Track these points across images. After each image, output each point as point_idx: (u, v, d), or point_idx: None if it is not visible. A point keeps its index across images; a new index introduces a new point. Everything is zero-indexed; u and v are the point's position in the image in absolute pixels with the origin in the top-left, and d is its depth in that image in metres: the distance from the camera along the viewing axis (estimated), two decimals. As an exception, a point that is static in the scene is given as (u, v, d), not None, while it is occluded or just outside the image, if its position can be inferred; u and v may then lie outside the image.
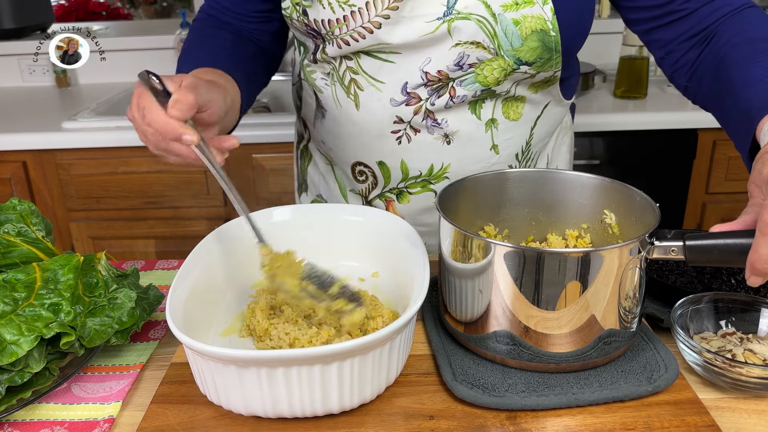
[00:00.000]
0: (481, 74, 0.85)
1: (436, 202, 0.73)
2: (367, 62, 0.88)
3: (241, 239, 0.83)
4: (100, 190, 1.85)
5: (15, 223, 0.81)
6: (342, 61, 0.90)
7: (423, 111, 0.89)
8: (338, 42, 0.87)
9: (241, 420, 0.64)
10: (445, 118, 0.90)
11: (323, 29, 0.87)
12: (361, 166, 0.99)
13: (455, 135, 0.92)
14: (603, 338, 0.67)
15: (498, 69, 0.84)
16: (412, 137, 0.92)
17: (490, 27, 0.82)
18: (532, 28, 0.82)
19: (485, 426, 0.63)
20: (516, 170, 0.82)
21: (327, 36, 0.87)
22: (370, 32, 0.84)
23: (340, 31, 0.85)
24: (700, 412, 0.63)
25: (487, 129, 0.92)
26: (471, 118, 0.91)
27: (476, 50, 0.83)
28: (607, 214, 0.78)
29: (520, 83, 0.89)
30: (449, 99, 0.88)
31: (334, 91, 0.94)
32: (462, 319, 0.71)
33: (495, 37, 0.82)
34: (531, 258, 0.63)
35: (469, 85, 0.87)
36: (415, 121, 0.91)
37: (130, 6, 3.75)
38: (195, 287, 0.72)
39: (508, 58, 0.84)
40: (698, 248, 0.64)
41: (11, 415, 0.66)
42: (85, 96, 2.20)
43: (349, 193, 1.05)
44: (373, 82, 0.89)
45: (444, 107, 0.89)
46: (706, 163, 1.82)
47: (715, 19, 0.84)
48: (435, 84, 0.87)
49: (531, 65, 0.85)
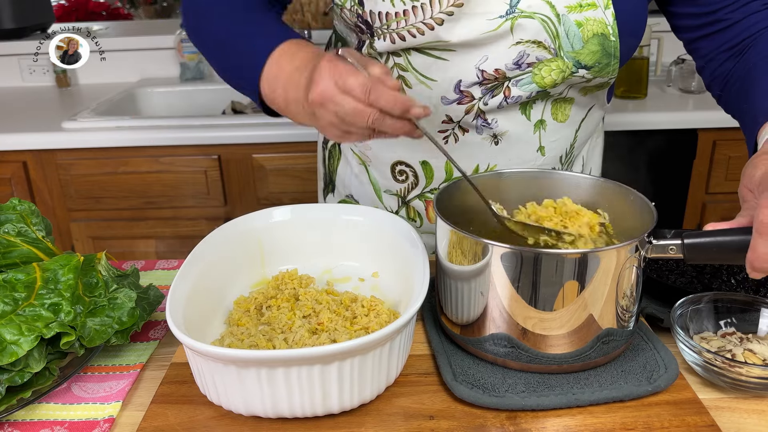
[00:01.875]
0: (539, 74, 0.84)
1: (433, 203, 0.73)
2: (418, 59, 0.86)
3: (241, 239, 0.83)
4: (100, 190, 1.85)
5: (15, 223, 0.81)
6: (390, 57, 0.88)
7: (475, 110, 0.87)
8: (392, 37, 0.84)
9: (241, 420, 0.64)
10: (495, 118, 0.89)
11: (377, 22, 0.84)
12: (402, 165, 0.97)
13: (504, 135, 0.90)
14: (601, 338, 0.67)
15: (556, 70, 0.83)
16: (460, 137, 0.91)
17: (553, 27, 0.81)
18: (593, 31, 0.81)
19: (485, 426, 0.63)
20: (512, 170, 0.83)
21: (380, 30, 0.84)
22: (431, 29, 0.82)
23: (398, 25, 0.82)
24: (700, 412, 0.64)
25: (535, 130, 0.91)
26: (521, 119, 0.89)
27: (537, 49, 0.82)
28: (601, 213, 0.78)
29: (575, 87, 0.88)
30: (503, 99, 0.86)
31: None
32: (459, 322, 0.71)
33: (557, 37, 0.81)
34: (528, 259, 0.63)
35: (525, 86, 0.85)
36: (465, 121, 0.89)
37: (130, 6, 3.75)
38: (195, 287, 0.72)
39: (567, 59, 0.83)
40: (697, 246, 0.64)
41: (11, 415, 0.66)
42: (85, 96, 2.20)
43: (384, 194, 1.02)
44: (423, 80, 0.87)
45: (497, 108, 0.87)
46: (706, 163, 1.82)
47: (753, 32, 0.84)
48: (491, 83, 0.85)
49: (589, 69, 0.84)
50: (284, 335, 0.70)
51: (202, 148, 1.81)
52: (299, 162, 1.82)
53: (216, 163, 1.82)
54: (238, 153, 1.82)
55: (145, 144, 1.79)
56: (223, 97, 2.23)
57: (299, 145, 1.80)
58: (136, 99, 2.23)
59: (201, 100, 2.26)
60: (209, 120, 1.83)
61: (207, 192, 1.86)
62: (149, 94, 2.26)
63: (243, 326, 0.74)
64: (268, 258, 0.86)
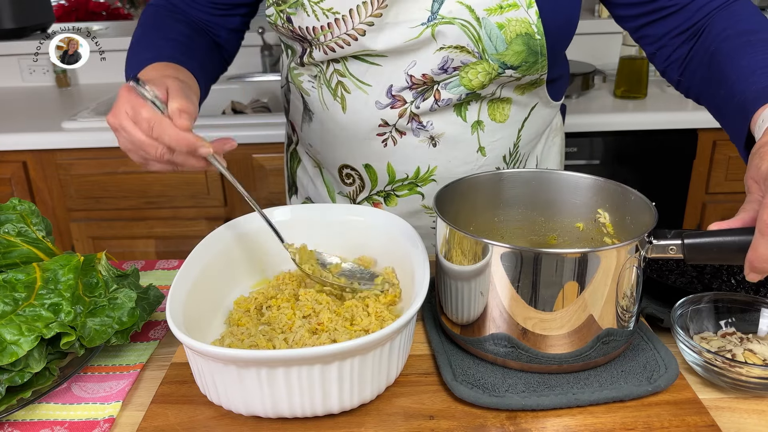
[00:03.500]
0: (466, 77, 0.85)
1: (433, 203, 0.73)
2: (354, 65, 0.88)
3: (241, 239, 0.84)
4: (100, 190, 1.85)
5: (15, 223, 0.81)
6: (329, 64, 0.90)
7: (408, 114, 0.89)
8: (324, 48, 0.87)
9: (241, 420, 0.64)
10: (431, 120, 0.90)
11: (309, 35, 0.87)
12: (348, 169, 0.99)
13: (441, 137, 0.91)
14: (601, 338, 0.67)
15: (483, 73, 0.84)
16: (398, 140, 0.92)
17: (474, 31, 0.82)
18: (516, 31, 0.82)
19: (485, 426, 0.63)
20: (511, 171, 0.83)
21: (313, 42, 0.87)
22: (355, 39, 0.84)
23: (325, 38, 0.85)
24: (700, 412, 0.64)
25: (473, 131, 0.92)
26: (456, 120, 0.91)
27: (460, 54, 0.83)
28: (601, 213, 0.78)
29: (506, 86, 0.89)
30: (434, 102, 0.88)
31: (321, 94, 0.94)
32: (459, 322, 0.71)
33: (479, 41, 0.82)
34: (528, 259, 0.63)
35: (453, 89, 0.87)
36: (400, 124, 0.90)
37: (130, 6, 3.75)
38: (195, 287, 0.72)
39: (492, 62, 0.84)
40: (697, 246, 0.64)
41: (11, 415, 0.66)
42: (85, 96, 2.20)
43: (337, 195, 1.05)
44: (360, 85, 0.89)
45: (429, 110, 0.89)
46: (706, 163, 1.82)
47: (705, 14, 0.84)
48: (420, 87, 0.87)
49: (516, 69, 0.85)
50: (284, 335, 0.70)
51: (202, 148, 1.80)
52: (299, 162, 1.82)
53: (216, 163, 1.82)
54: (238, 153, 1.81)
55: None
56: (223, 97, 2.23)
57: (299, 145, 1.80)
58: (136, 99, 2.23)
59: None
60: (209, 120, 1.83)
61: (207, 192, 1.86)
62: (149, 94, 2.26)
63: (243, 326, 0.74)
64: (268, 258, 0.86)
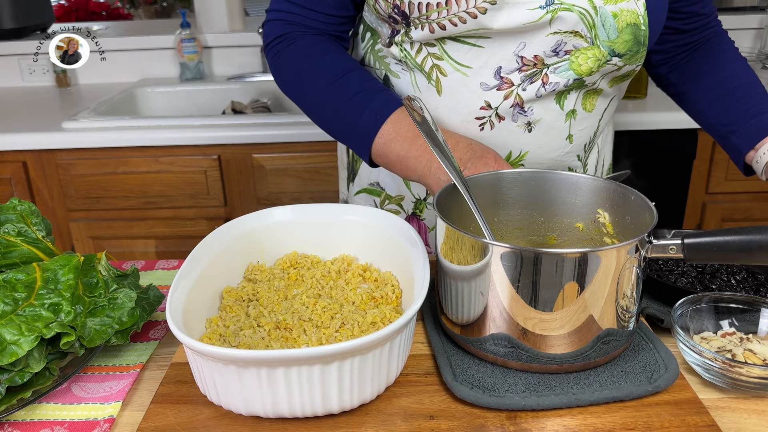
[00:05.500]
0: (576, 62, 0.87)
1: (433, 203, 0.73)
2: (453, 47, 0.89)
3: (241, 239, 0.84)
4: (100, 190, 1.85)
5: (15, 223, 0.81)
6: (423, 47, 0.90)
7: (514, 96, 0.90)
8: (432, 26, 0.86)
9: (241, 420, 0.64)
10: (531, 106, 0.91)
11: (416, 12, 0.86)
12: None
13: (537, 123, 0.92)
14: (601, 338, 0.67)
15: (593, 58, 0.87)
16: (496, 124, 0.93)
17: (590, 18, 0.84)
18: (627, 21, 0.85)
19: (485, 426, 0.63)
20: (511, 171, 0.83)
21: (417, 20, 0.87)
22: (474, 17, 0.84)
23: (439, 15, 0.85)
24: (700, 412, 0.64)
25: (566, 119, 0.94)
26: (555, 108, 0.92)
27: (574, 38, 0.85)
28: (601, 213, 0.78)
29: (607, 76, 0.92)
30: (541, 86, 0.89)
31: (413, 77, 0.94)
32: (459, 322, 0.71)
33: (593, 27, 0.85)
34: (528, 259, 0.63)
35: (562, 73, 0.88)
36: (502, 108, 0.91)
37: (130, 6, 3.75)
38: (195, 287, 0.72)
39: (603, 48, 0.86)
40: (697, 246, 0.64)
41: (11, 415, 0.66)
42: (85, 96, 2.20)
43: (414, 182, 1.02)
44: (459, 67, 0.89)
45: (535, 95, 0.90)
46: (706, 163, 1.82)
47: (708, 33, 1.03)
48: (530, 69, 0.88)
49: (621, 57, 0.88)
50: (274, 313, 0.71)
51: (202, 148, 1.81)
52: (299, 162, 1.82)
53: (216, 163, 1.82)
54: (238, 153, 1.82)
55: (145, 144, 1.79)
56: (223, 97, 2.23)
57: (299, 145, 1.80)
58: (136, 99, 2.23)
59: (201, 100, 2.26)
60: (209, 120, 1.83)
61: (207, 192, 1.86)
62: (149, 94, 2.26)
63: (233, 312, 0.75)
64: (268, 258, 0.86)
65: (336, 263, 0.84)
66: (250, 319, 0.73)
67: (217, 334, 0.70)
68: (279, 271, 0.83)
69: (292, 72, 0.97)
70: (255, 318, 0.73)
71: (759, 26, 2.21)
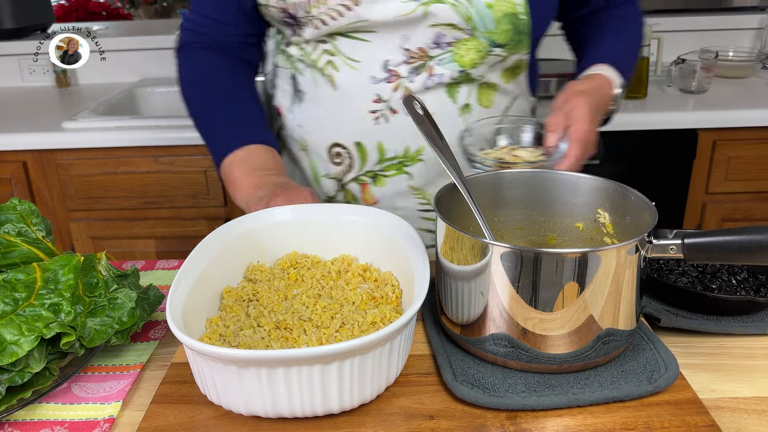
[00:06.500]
0: (458, 53, 0.90)
1: (433, 203, 0.73)
2: (343, 43, 0.92)
3: (241, 239, 0.84)
4: (100, 190, 1.85)
5: (15, 223, 0.81)
6: (317, 45, 0.94)
7: (402, 89, 0.93)
8: (315, 23, 0.90)
9: (241, 420, 0.64)
10: (423, 99, 0.92)
11: (301, 12, 0.90)
12: (338, 147, 1.01)
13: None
14: (602, 338, 0.67)
15: (473, 50, 0.90)
16: (390, 118, 0.95)
17: (465, 10, 0.87)
18: (503, 11, 0.88)
19: (485, 426, 0.63)
20: (511, 171, 0.83)
21: (303, 19, 0.91)
22: (349, 9, 0.88)
23: (318, 10, 0.89)
24: (700, 412, 0.64)
25: (461, 113, 0.96)
26: (447, 102, 0.95)
27: (452, 31, 0.89)
28: (601, 213, 0.78)
29: (494, 67, 0.94)
30: (428, 77, 0.92)
31: (313, 74, 0.98)
32: (459, 322, 0.71)
33: (470, 19, 0.87)
34: (528, 259, 0.63)
35: (447, 65, 0.91)
36: (393, 100, 0.94)
37: (130, 6, 3.74)
38: (195, 287, 0.72)
39: (482, 39, 0.89)
40: (697, 246, 0.64)
41: (11, 415, 0.66)
42: (85, 96, 2.20)
43: (322, 178, 1.06)
44: (349, 62, 0.93)
45: (423, 87, 0.93)
46: (706, 163, 1.82)
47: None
48: (416, 61, 0.91)
49: (503, 47, 0.91)
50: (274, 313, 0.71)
51: (202, 148, 1.78)
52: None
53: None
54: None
55: (145, 144, 1.79)
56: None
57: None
58: (136, 99, 2.23)
59: (201, 100, 2.26)
60: (209, 120, 1.83)
61: (207, 192, 1.86)
62: (149, 94, 2.26)
63: (233, 312, 0.75)
64: (268, 258, 0.86)
65: (336, 263, 0.84)
66: (250, 319, 0.73)
67: (217, 334, 0.70)
68: (279, 271, 0.83)
69: (188, 77, 1.05)
70: (255, 318, 0.73)
71: (759, 26, 2.21)
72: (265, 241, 0.85)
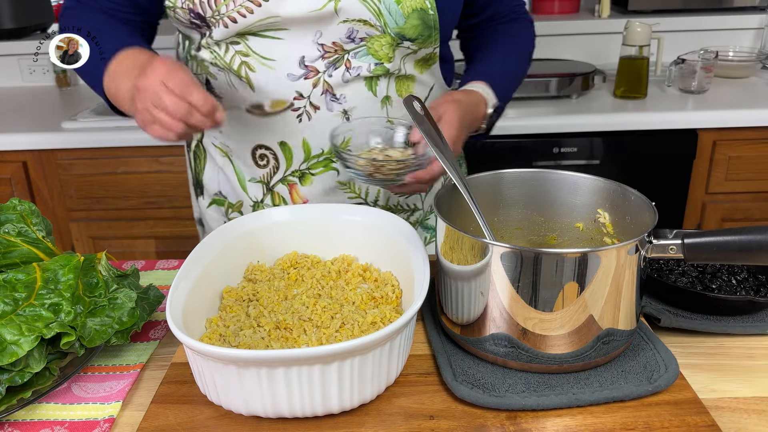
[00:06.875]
0: (372, 48, 0.91)
1: (434, 203, 0.73)
2: (255, 42, 0.91)
3: (241, 239, 0.84)
4: (100, 190, 1.85)
5: (15, 223, 0.81)
6: (229, 47, 0.93)
7: (321, 84, 0.93)
8: (225, 21, 0.89)
9: (241, 420, 0.64)
10: (344, 93, 0.94)
11: (209, 11, 0.89)
12: (262, 149, 1.00)
13: (353, 111, 0.95)
14: (602, 338, 0.67)
15: (386, 45, 0.91)
16: (312, 114, 0.95)
17: (375, 6, 0.88)
18: (412, 6, 0.89)
19: (485, 426, 0.63)
20: (511, 171, 0.83)
21: (212, 19, 0.90)
22: (258, 5, 0.87)
23: (227, 8, 0.88)
24: (700, 412, 0.64)
25: (382, 106, 0.97)
26: (368, 95, 0.95)
27: (364, 27, 0.90)
28: (601, 213, 0.78)
29: (407, 59, 0.96)
30: (345, 71, 0.92)
31: (228, 77, 0.96)
32: (459, 322, 0.71)
33: (380, 15, 0.88)
34: (528, 259, 0.63)
35: (363, 58, 0.92)
36: (314, 96, 0.94)
37: (130, 6, 3.75)
38: (195, 287, 0.72)
39: (393, 35, 0.90)
40: (697, 246, 0.64)
41: (11, 415, 0.66)
42: (85, 96, 2.20)
43: (248, 183, 1.05)
44: (264, 61, 0.92)
45: (342, 81, 0.93)
46: (706, 163, 1.82)
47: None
48: (332, 56, 0.91)
49: (413, 41, 0.92)
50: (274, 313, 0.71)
51: (202, 148, 1.80)
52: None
53: (216, 163, 1.82)
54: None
55: (145, 144, 1.79)
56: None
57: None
58: (136, 99, 2.23)
59: (201, 100, 2.25)
60: (209, 120, 1.83)
61: (207, 192, 1.86)
62: (149, 94, 2.26)
63: (233, 312, 0.75)
64: (268, 258, 0.86)
65: (336, 263, 0.84)
66: (250, 319, 0.73)
67: (217, 334, 0.70)
68: (279, 271, 0.83)
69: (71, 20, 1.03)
70: (255, 318, 0.73)
71: (759, 26, 2.21)
72: (265, 241, 0.85)
